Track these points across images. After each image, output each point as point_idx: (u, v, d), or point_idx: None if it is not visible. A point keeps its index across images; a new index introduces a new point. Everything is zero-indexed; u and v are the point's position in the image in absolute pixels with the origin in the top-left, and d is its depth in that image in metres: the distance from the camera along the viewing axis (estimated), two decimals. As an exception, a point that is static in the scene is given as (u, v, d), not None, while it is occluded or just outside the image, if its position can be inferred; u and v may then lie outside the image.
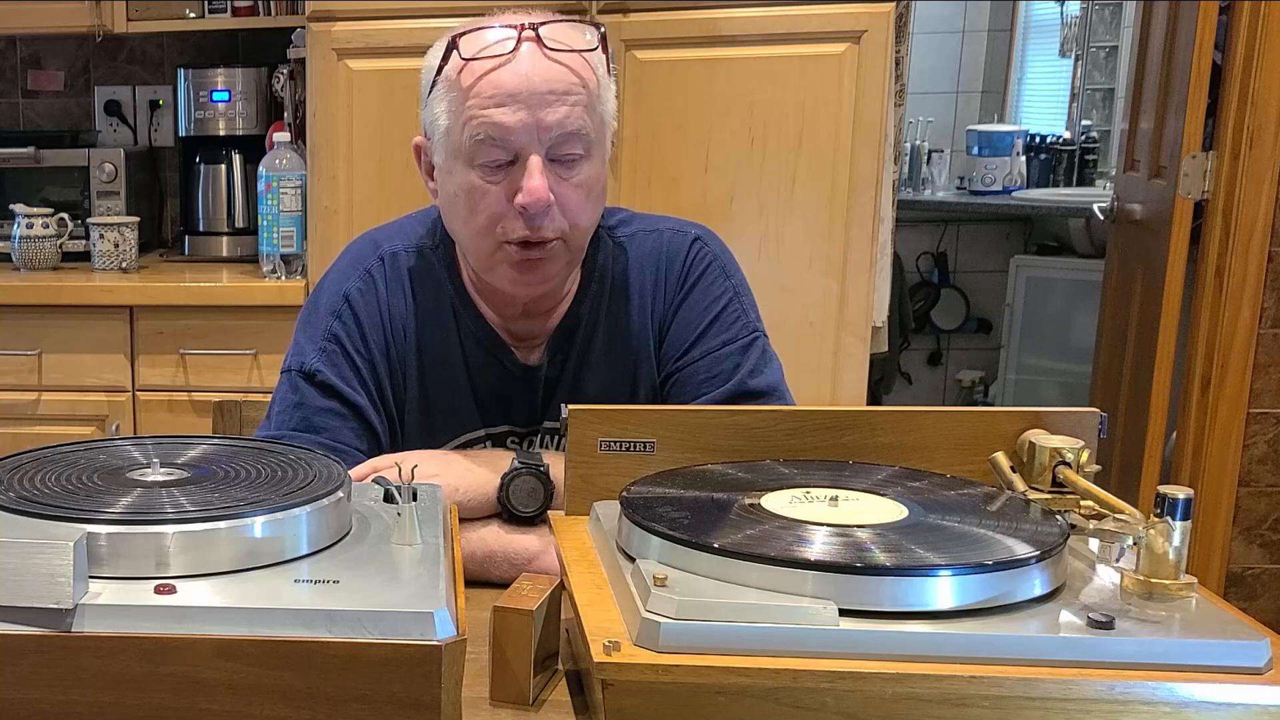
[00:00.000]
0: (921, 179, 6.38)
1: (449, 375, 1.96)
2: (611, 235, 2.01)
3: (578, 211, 1.83)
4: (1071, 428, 1.47)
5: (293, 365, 1.96)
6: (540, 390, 1.98)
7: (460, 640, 1.14)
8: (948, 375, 6.62)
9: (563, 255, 1.86)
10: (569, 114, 1.77)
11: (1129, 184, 4.40)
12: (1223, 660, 1.14)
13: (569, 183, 1.81)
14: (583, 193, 1.82)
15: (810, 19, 3.37)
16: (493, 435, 1.98)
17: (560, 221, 1.82)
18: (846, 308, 3.47)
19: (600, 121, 1.83)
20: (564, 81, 1.78)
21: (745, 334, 1.97)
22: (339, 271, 2.02)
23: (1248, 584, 3.87)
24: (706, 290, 1.97)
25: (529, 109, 1.77)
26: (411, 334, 1.97)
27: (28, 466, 1.41)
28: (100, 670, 1.14)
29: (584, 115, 1.79)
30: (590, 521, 1.50)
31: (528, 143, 1.78)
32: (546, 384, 1.98)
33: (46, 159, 4.26)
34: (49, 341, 3.83)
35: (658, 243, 2.00)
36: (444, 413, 1.97)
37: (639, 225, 2.03)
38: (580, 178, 1.82)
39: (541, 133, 1.77)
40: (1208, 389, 3.75)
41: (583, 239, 1.88)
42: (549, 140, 1.78)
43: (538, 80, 1.77)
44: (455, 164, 1.85)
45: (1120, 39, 6.40)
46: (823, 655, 1.14)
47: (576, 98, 1.78)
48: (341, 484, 1.34)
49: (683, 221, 2.06)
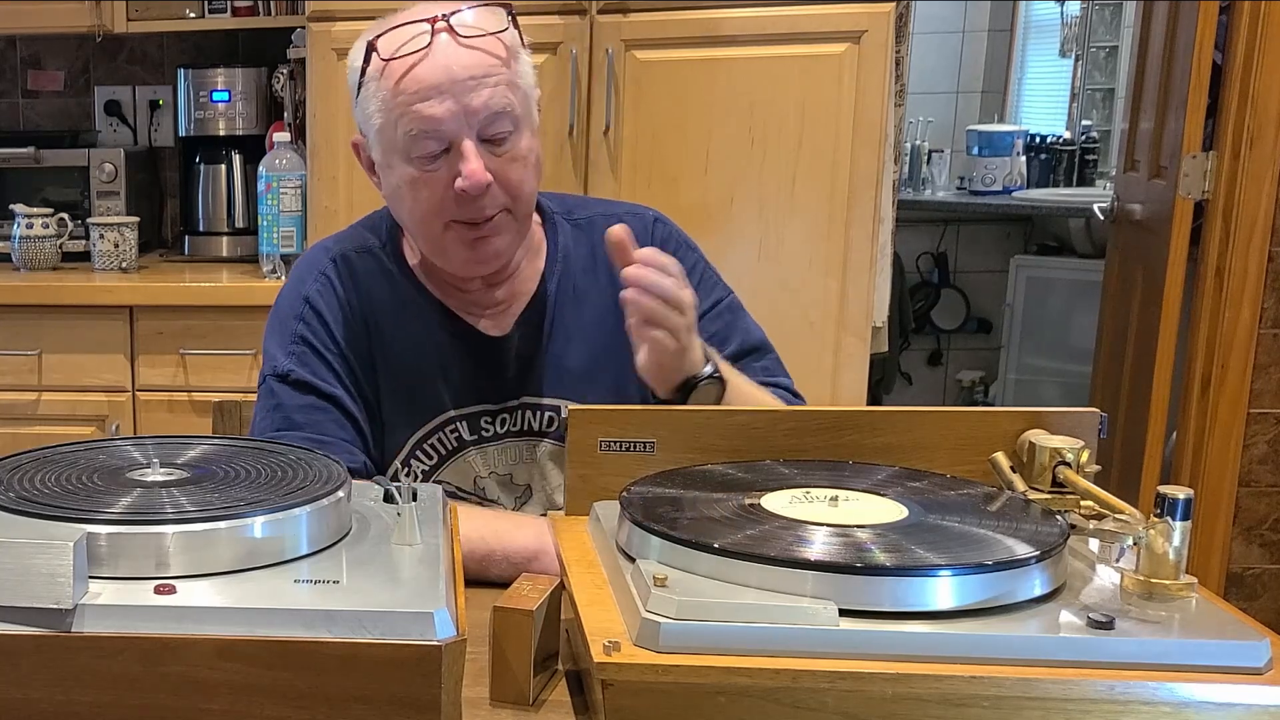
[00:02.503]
0: (922, 179, 6.38)
1: (417, 363, 1.99)
2: (569, 219, 2.08)
3: (518, 184, 1.90)
4: (1071, 428, 1.47)
5: (266, 373, 2.01)
6: (512, 364, 2.01)
7: (460, 640, 1.14)
8: (948, 375, 6.62)
9: (509, 226, 1.93)
10: (492, 95, 1.84)
11: (1129, 184, 4.40)
12: (1223, 660, 1.14)
13: (504, 159, 1.88)
14: (519, 165, 1.89)
15: (810, 19, 3.36)
16: (467, 415, 2.00)
17: (502, 198, 1.89)
18: (847, 308, 3.47)
19: (524, 95, 1.90)
20: (482, 65, 1.85)
21: (727, 294, 2.08)
22: (296, 279, 2.08)
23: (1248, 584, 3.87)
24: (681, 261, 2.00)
25: (454, 97, 1.84)
26: (374, 328, 2.01)
27: (28, 466, 1.41)
28: (100, 670, 1.14)
29: (507, 93, 1.86)
30: (590, 522, 1.50)
31: (458, 129, 1.85)
32: (519, 359, 2.01)
33: (46, 159, 4.25)
34: (49, 341, 3.83)
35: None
36: (418, 399, 2.00)
37: (596, 209, 2.12)
38: (514, 152, 1.89)
39: (470, 117, 1.84)
40: (1208, 389, 3.75)
41: (526, 207, 1.94)
42: (478, 123, 1.85)
43: (457, 69, 1.84)
44: (393, 159, 1.92)
45: (1120, 39, 6.40)
46: (823, 655, 1.14)
47: (497, 78, 1.85)
48: (341, 484, 1.34)
49: (635, 205, 2.18)
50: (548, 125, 3.47)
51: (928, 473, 1.47)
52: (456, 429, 1.99)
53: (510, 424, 2.00)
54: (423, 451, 1.99)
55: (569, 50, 3.43)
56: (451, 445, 2.00)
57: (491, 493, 2.00)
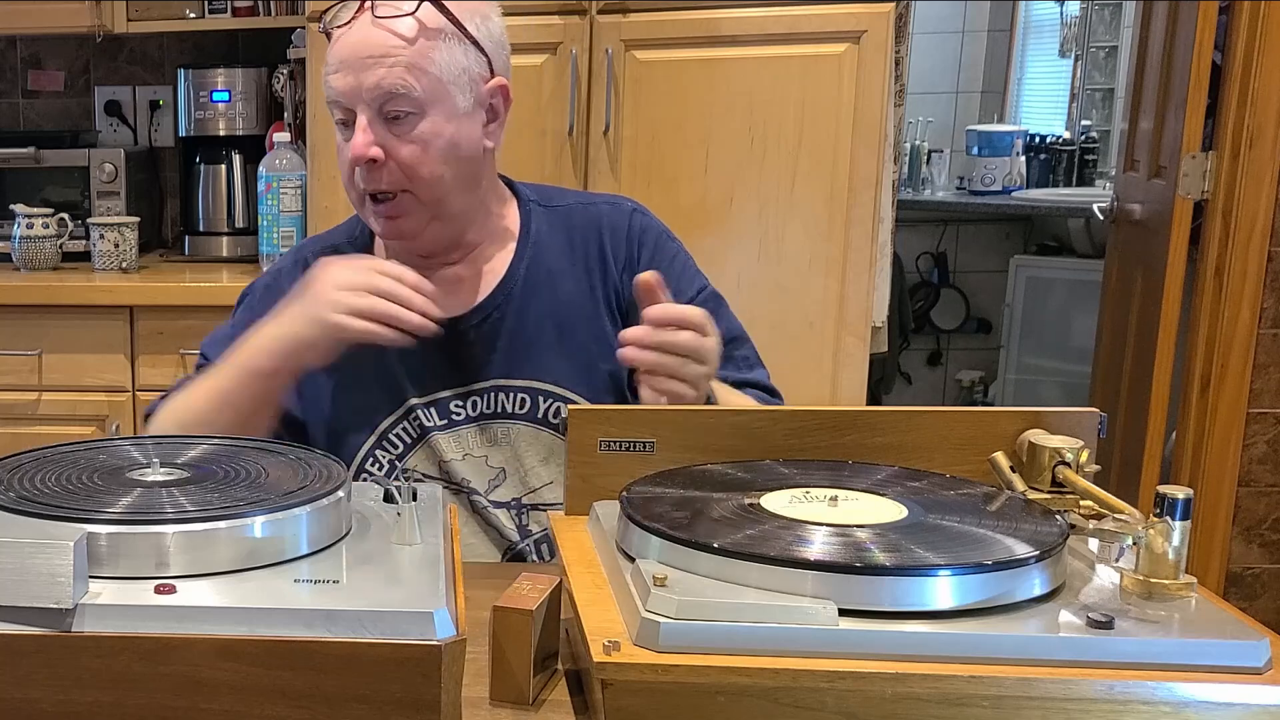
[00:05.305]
0: (921, 179, 6.38)
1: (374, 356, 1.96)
2: (543, 205, 2.10)
3: (414, 165, 1.92)
4: (1071, 428, 1.48)
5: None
6: (477, 346, 2.01)
7: (460, 640, 1.14)
8: (947, 375, 6.62)
9: (416, 208, 1.96)
10: (386, 75, 1.89)
11: (1129, 184, 4.39)
12: (1222, 660, 1.14)
13: (401, 139, 1.92)
14: (418, 148, 1.92)
15: (810, 19, 3.36)
16: (433, 401, 2.00)
17: (398, 175, 1.93)
18: (846, 308, 3.47)
19: (433, 80, 1.91)
20: (383, 46, 1.89)
21: (706, 283, 2.09)
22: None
23: (1247, 584, 3.87)
24: (663, 251, 2.07)
25: (354, 73, 1.90)
26: None
27: (28, 466, 1.41)
28: (100, 670, 1.14)
29: (404, 74, 1.89)
30: (590, 521, 1.51)
31: (355, 103, 1.91)
32: (485, 341, 2.01)
33: (47, 159, 4.25)
34: (49, 341, 3.83)
35: (596, 214, 2.09)
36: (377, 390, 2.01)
37: (573, 198, 2.15)
38: (414, 133, 1.91)
39: (366, 93, 1.90)
40: (1207, 389, 3.75)
41: (433, 191, 1.95)
42: (374, 100, 1.90)
43: (361, 46, 1.90)
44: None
45: (1120, 39, 6.40)
46: (822, 655, 1.15)
47: (395, 59, 1.89)
48: (341, 484, 1.34)
49: (613, 195, 2.24)
50: (547, 125, 3.47)
51: (927, 473, 1.48)
52: (419, 416, 2.00)
53: (483, 406, 2.00)
54: (388, 441, 2.01)
55: (569, 50, 3.43)
56: (415, 433, 2.00)
57: (458, 475, 2.00)
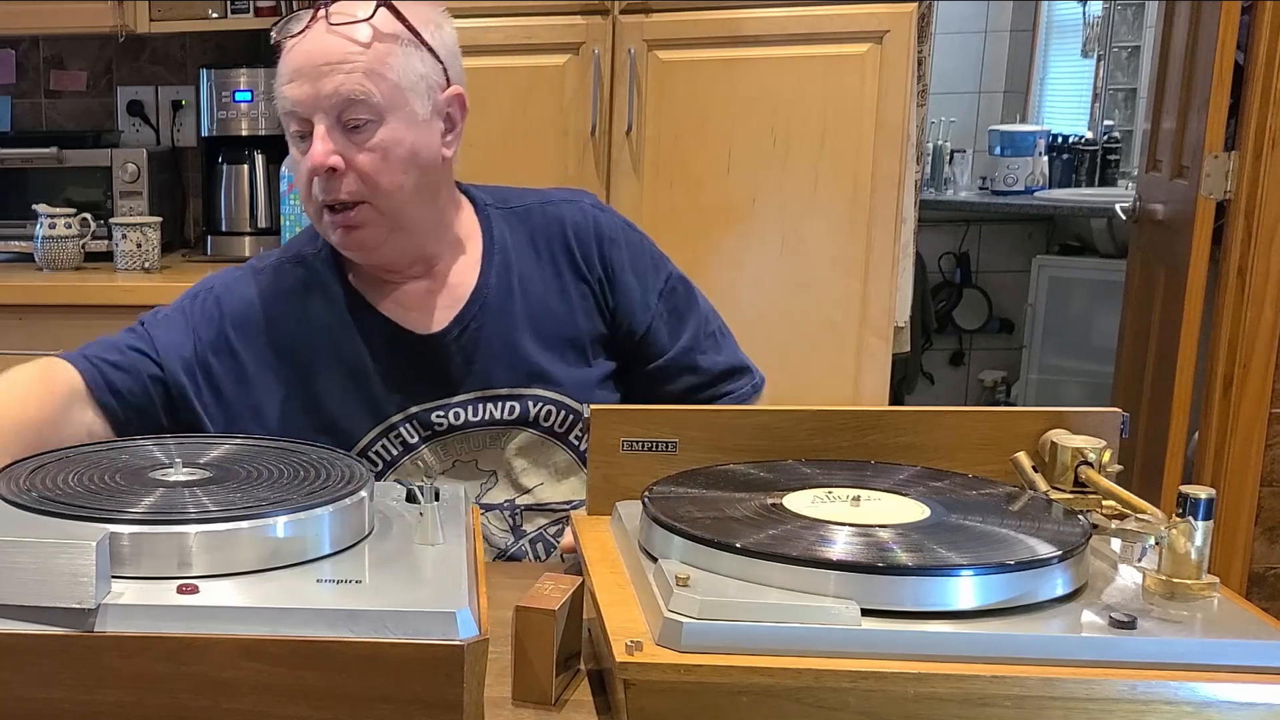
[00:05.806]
0: (944, 179, 6.37)
1: (347, 375, 1.97)
2: (499, 207, 2.07)
3: (374, 175, 1.88)
4: (1094, 428, 1.47)
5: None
6: (456, 358, 1.98)
7: (482, 640, 1.14)
8: (970, 375, 6.60)
9: (375, 220, 1.91)
10: (343, 82, 1.85)
11: (1151, 184, 4.38)
12: (1245, 660, 1.14)
13: (361, 148, 1.87)
14: (377, 157, 1.88)
15: (832, 19, 3.37)
16: (414, 415, 1.97)
17: (357, 185, 1.88)
18: (869, 307, 3.47)
19: (392, 85, 1.88)
20: (339, 52, 1.86)
21: (674, 268, 2.12)
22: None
23: (1270, 584, 3.85)
24: (632, 245, 2.08)
25: (310, 81, 1.86)
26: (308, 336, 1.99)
27: (50, 466, 1.41)
28: (123, 670, 1.15)
29: (362, 81, 1.85)
30: (612, 521, 1.51)
31: (313, 112, 1.87)
32: (463, 352, 1.98)
33: (69, 159, 4.26)
34: (71, 341, 3.75)
35: (558, 214, 2.07)
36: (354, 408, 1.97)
37: (531, 198, 2.11)
38: (374, 141, 1.87)
39: (322, 101, 1.86)
40: (1230, 389, 3.74)
41: (393, 201, 1.91)
42: (331, 108, 1.86)
43: (316, 54, 1.87)
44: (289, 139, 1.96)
45: (1142, 39, 6.38)
46: (845, 655, 1.14)
47: (352, 65, 1.86)
48: (364, 484, 1.34)
49: (571, 190, 2.18)
50: (570, 125, 3.48)
51: (949, 472, 1.47)
52: (400, 433, 1.97)
53: (469, 415, 1.98)
54: (368, 460, 1.94)
55: (591, 50, 3.44)
56: (397, 450, 1.97)
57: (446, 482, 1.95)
